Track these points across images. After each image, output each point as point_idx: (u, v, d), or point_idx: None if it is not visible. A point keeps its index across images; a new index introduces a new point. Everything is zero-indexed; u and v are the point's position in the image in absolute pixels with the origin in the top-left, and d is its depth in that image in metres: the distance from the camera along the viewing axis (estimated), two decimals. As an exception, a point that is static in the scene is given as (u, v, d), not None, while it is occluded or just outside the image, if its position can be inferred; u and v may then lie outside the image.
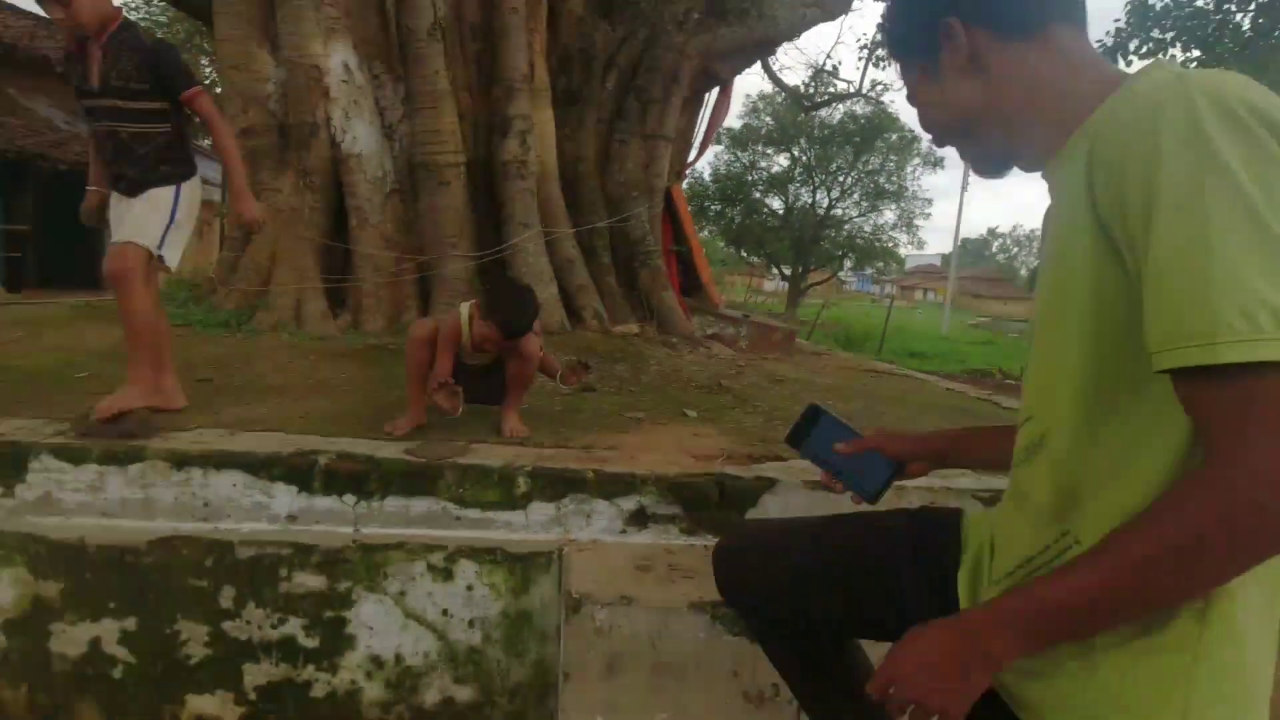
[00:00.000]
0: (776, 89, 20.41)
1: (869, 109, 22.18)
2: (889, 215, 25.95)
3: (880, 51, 12.09)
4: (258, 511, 2.08)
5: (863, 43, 11.73)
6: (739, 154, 25.08)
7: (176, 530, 2.03)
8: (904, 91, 0.97)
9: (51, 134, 12.92)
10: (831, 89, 17.45)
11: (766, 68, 11.19)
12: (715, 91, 6.89)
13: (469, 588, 2.02)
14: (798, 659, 1.22)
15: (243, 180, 2.41)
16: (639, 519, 2.14)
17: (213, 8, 3.95)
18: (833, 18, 6.01)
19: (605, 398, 3.31)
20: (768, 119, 24.48)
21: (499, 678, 2.07)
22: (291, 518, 2.08)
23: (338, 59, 3.98)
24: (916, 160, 24.44)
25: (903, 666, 0.79)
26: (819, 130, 23.98)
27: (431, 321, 2.56)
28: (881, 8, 10.42)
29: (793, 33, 5.93)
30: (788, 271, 26.88)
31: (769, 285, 35.51)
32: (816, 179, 25.16)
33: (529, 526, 2.11)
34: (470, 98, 4.44)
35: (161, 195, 2.30)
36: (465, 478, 2.08)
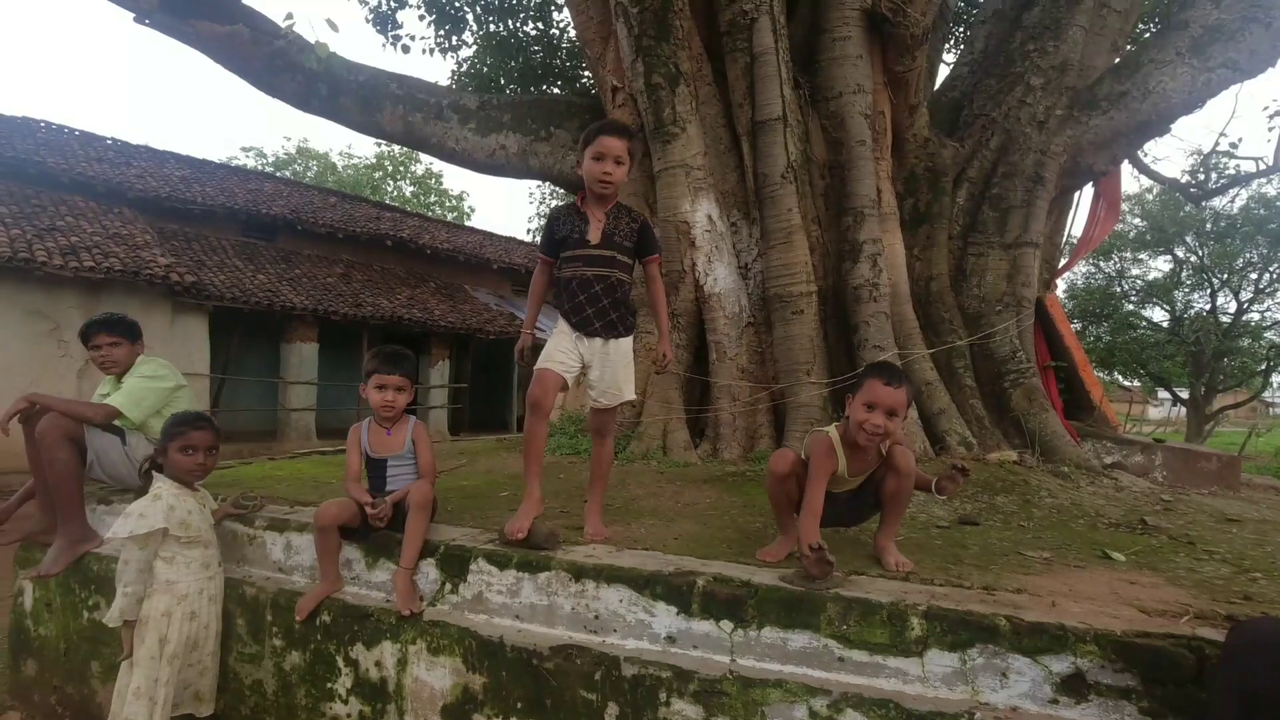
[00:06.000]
0: (1149, 184, 17.43)
1: (1288, 187, 17.57)
2: (1341, 314, 19.38)
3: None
4: (640, 629, 2.13)
5: (1273, 109, 9.43)
6: (1100, 264, 21.49)
7: (571, 639, 2.17)
8: None
9: (487, 314, 16.84)
10: (1230, 171, 14.34)
11: (1136, 161, 9.58)
12: (1088, 189, 6.10)
13: (857, 745, 1.75)
14: None
15: (667, 324, 2.81)
16: (1076, 687, 1.67)
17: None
18: (1251, 75, 4.95)
19: (992, 532, 2.83)
20: (1136, 220, 20.78)
21: None
22: (670, 639, 2.08)
23: (702, 213, 4.48)
24: (1377, 241, 18.18)
25: None
26: (1212, 223, 19.50)
27: (791, 453, 2.48)
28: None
29: (1191, 104, 5.02)
30: (1183, 394, 21.37)
31: (1154, 412, 28.73)
32: (1215, 280, 20.19)
33: (926, 679, 1.79)
34: (820, 228, 4.58)
35: (628, 350, 2.71)
36: (849, 612, 1.87)
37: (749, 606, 1.99)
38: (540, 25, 9.92)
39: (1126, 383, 23.51)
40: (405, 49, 9.56)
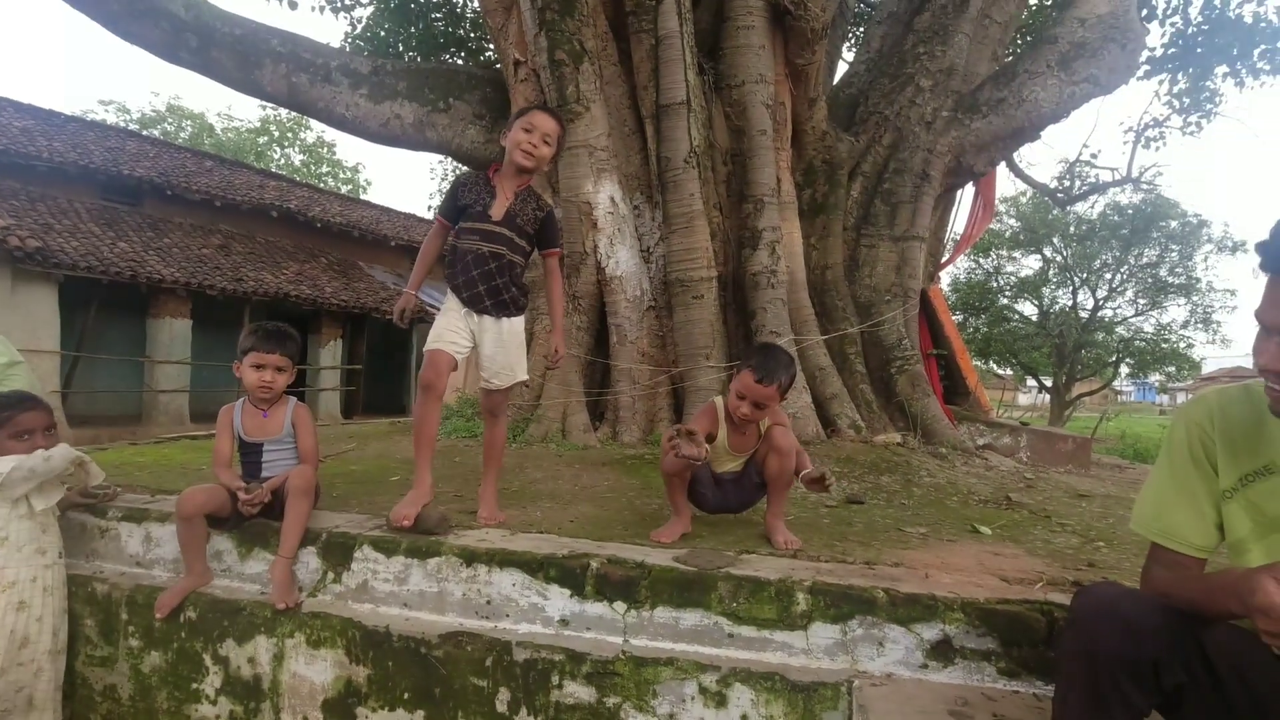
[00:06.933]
0: (1023, 188, 19.02)
1: (1137, 197, 19.64)
2: (1177, 312, 21.93)
3: (1149, 133, 10.69)
4: (533, 613, 2.09)
5: (1127, 125, 10.43)
6: (980, 260, 23.32)
7: (462, 626, 2.11)
8: None
9: (384, 292, 16.11)
10: (1091, 180, 15.82)
11: (1012, 165, 10.38)
12: (969, 188, 6.51)
13: (743, 718, 1.79)
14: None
15: (561, 323, 2.73)
16: (943, 652, 1.78)
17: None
18: (1109, 90, 5.42)
19: (876, 510, 2.98)
20: (1011, 221, 22.67)
21: (778, 835, 1.77)
22: (564, 622, 2.06)
23: (605, 194, 4.44)
24: (1208, 247, 20.66)
25: None
26: (1075, 226, 21.56)
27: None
28: (1155, 83, 9.31)
29: (1059, 114, 5.44)
30: (1048, 382, 23.63)
31: (1023, 399, 31.57)
32: (1076, 279, 22.40)
33: (810, 651, 1.85)
34: (721, 215, 4.65)
35: (520, 330, 2.62)
36: (738, 590, 1.91)
37: (642, 587, 1.99)
38: (442, -9, 9.51)
39: (1000, 371, 25.57)
40: (293, 5, 8.88)
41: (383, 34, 9.22)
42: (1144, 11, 8.01)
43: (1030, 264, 23.34)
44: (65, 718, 2.37)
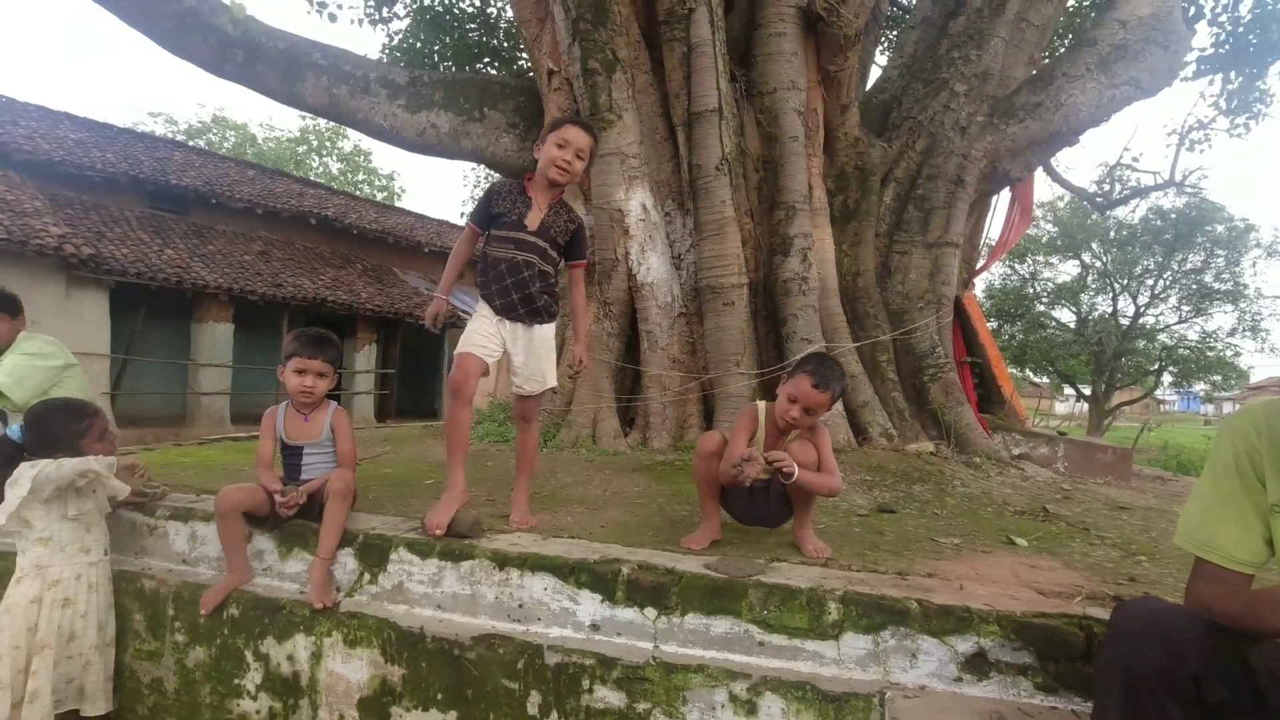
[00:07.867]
0: (1060, 193, 18.62)
1: (1181, 201, 19.06)
2: (1223, 319, 21.18)
3: (1194, 135, 10.33)
4: (564, 617, 2.12)
5: (1171, 127, 10.20)
6: (1015, 266, 22.82)
7: (495, 629, 2.14)
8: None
9: (417, 298, 16.37)
10: (1132, 184, 15.37)
11: (1049, 170, 10.13)
12: (1005, 193, 6.40)
13: (774, 727, 1.79)
14: None
15: (585, 329, 2.77)
16: (978, 665, 1.76)
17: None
18: (1151, 93, 5.29)
19: (908, 520, 2.95)
20: (1048, 226, 22.14)
21: (808, 846, 1.76)
22: (595, 626, 2.07)
23: (636, 201, 4.47)
24: (1256, 251, 19.93)
25: None
26: (1115, 231, 20.99)
27: (718, 434, 2.51)
28: (1202, 83, 9.04)
29: (1098, 118, 5.33)
30: (1086, 391, 22.99)
31: (1060, 407, 30.74)
32: (1116, 285, 21.77)
33: (841, 661, 1.84)
34: (752, 221, 4.64)
35: (551, 337, 2.67)
36: (769, 598, 1.91)
37: (673, 594, 2.00)
38: (477, 2, 9.67)
39: (1036, 379, 24.97)
40: (332, 17, 9.11)
41: (419, 45, 9.40)
42: (1190, 11, 7.80)
43: (1068, 270, 22.81)
44: (115, 708, 2.46)
